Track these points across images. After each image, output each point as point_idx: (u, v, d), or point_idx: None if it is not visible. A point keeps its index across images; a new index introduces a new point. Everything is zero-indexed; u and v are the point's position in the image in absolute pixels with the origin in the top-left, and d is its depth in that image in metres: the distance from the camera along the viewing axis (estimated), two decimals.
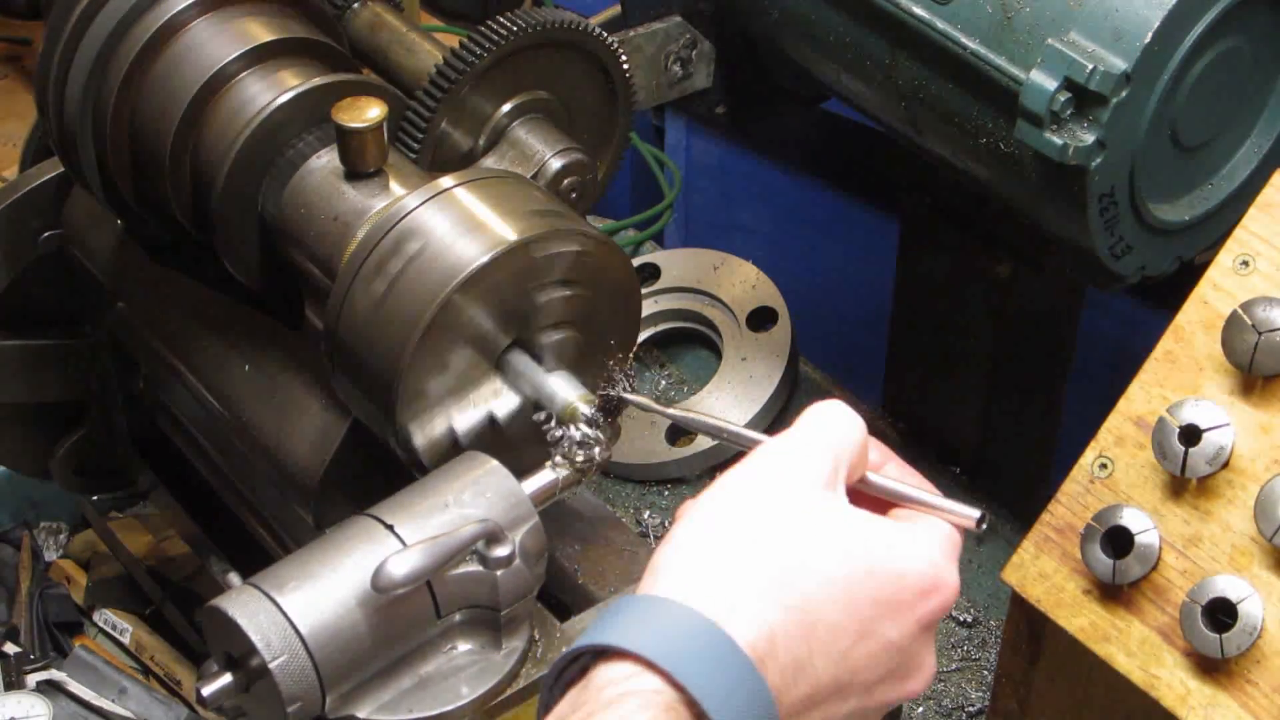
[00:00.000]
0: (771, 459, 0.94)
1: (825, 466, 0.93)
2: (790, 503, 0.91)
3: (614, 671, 0.83)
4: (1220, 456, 1.19)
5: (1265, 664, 1.15)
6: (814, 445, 0.94)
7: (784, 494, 0.92)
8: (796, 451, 0.94)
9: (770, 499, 0.91)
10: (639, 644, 0.83)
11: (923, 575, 0.92)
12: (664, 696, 0.82)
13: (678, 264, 2.02)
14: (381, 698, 1.08)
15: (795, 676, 0.87)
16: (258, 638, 1.02)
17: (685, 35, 1.69)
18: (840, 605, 0.89)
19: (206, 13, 1.31)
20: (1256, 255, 1.23)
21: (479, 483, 1.11)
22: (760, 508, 0.91)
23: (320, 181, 1.27)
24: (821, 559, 0.89)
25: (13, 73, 2.50)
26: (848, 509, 0.93)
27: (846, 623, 0.89)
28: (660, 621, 0.85)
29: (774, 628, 0.86)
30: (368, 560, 1.05)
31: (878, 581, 0.91)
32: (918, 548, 0.93)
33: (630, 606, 0.86)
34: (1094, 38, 1.30)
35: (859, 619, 0.90)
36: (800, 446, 0.94)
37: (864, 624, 0.90)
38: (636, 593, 0.88)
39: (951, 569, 0.94)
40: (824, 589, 0.89)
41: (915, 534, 0.94)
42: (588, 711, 0.82)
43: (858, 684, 0.90)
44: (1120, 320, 1.96)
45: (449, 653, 1.10)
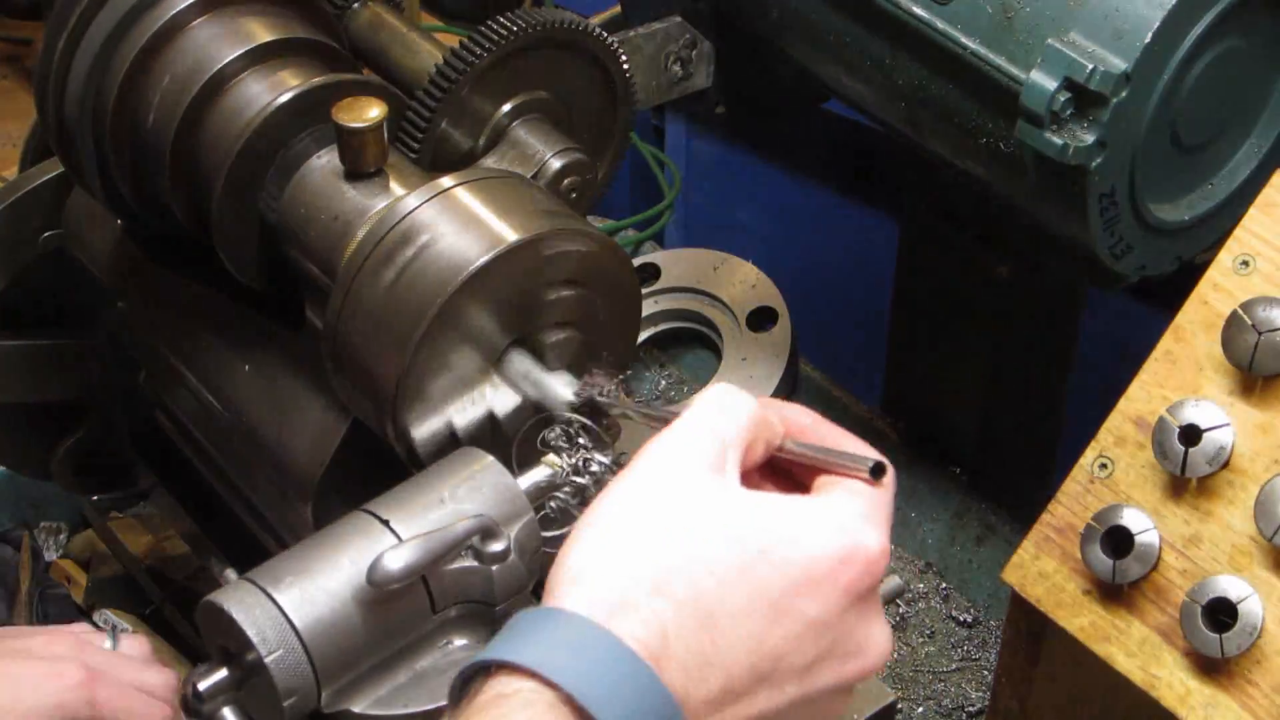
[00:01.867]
0: (654, 453, 0.91)
1: (708, 452, 0.90)
2: (673, 494, 0.89)
3: (496, 683, 0.82)
4: (1220, 456, 1.19)
5: (1265, 664, 1.15)
6: (695, 432, 0.91)
7: (666, 487, 0.89)
8: (676, 442, 0.91)
9: (652, 494, 0.89)
10: (516, 653, 0.82)
11: (833, 544, 0.88)
12: (544, 695, 0.80)
13: (678, 264, 2.02)
14: (377, 692, 1.08)
15: (702, 671, 0.84)
16: (253, 632, 1.02)
17: (685, 35, 1.69)
18: (740, 591, 0.86)
19: (207, 12, 1.31)
20: (1256, 255, 1.23)
21: (475, 478, 1.11)
22: (645, 503, 0.89)
23: (320, 181, 1.27)
24: (712, 547, 0.86)
25: (13, 73, 2.50)
26: (736, 492, 0.90)
27: (751, 608, 0.86)
28: (543, 630, 0.84)
29: (666, 624, 0.84)
30: (363, 555, 1.05)
31: (780, 559, 0.87)
32: (823, 517, 0.89)
33: (518, 622, 0.85)
34: (1094, 38, 1.30)
35: (767, 601, 0.86)
36: (680, 436, 0.91)
37: (774, 606, 0.86)
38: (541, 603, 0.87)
39: (869, 531, 0.90)
40: (718, 577, 0.86)
41: (821, 503, 0.91)
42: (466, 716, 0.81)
43: (786, 669, 0.87)
44: (1120, 320, 1.96)
45: (444, 648, 1.11)
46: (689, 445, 0.91)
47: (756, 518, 0.88)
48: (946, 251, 1.74)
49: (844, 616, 0.88)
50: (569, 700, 0.80)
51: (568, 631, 0.84)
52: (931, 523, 1.80)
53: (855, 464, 0.93)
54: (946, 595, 1.72)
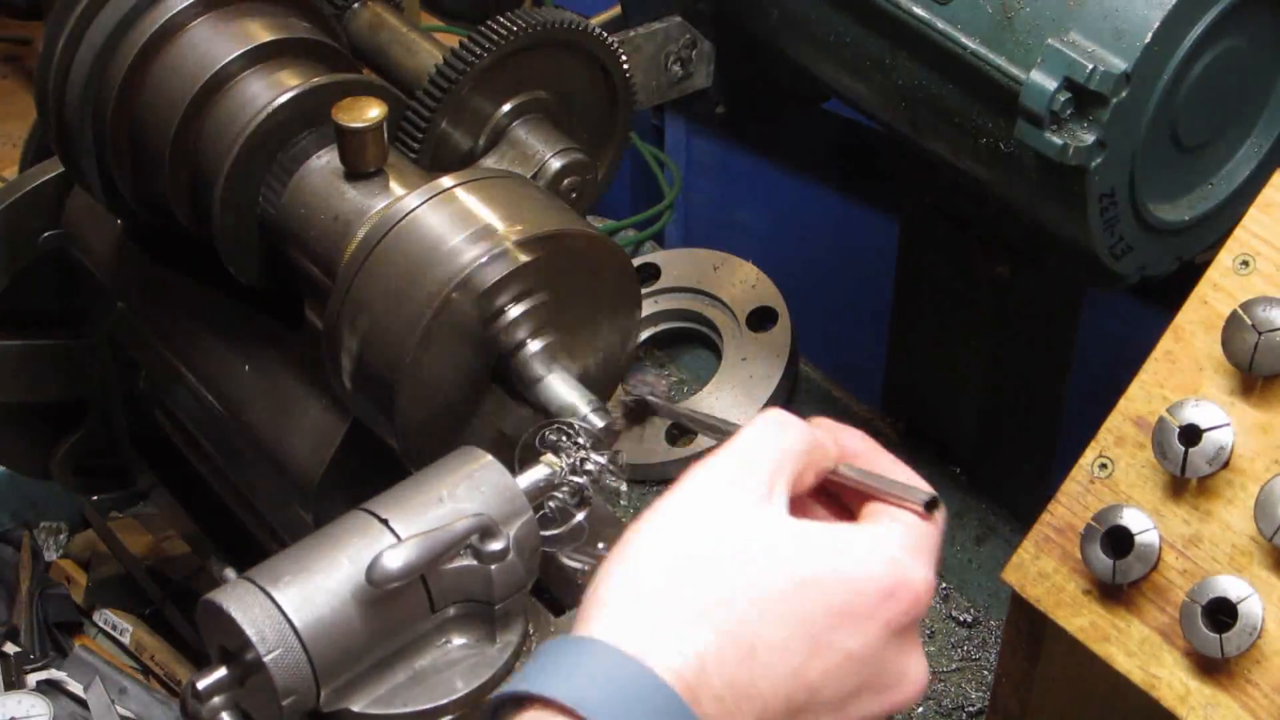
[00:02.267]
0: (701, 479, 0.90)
1: (758, 478, 0.89)
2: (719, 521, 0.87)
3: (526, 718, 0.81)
4: (1220, 456, 1.19)
5: (1265, 664, 1.15)
6: (744, 458, 0.90)
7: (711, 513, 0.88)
8: (725, 467, 0.90)
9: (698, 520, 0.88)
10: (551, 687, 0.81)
11: (879, 577, 0.87)
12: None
13: (678, 264, 2.02)
14: (376, 691, 1.08)
15: (737, 703, 0.83)
16: (252, 631, 1.02)
17: (685, 35, 1.69)
18: (782, 622, 0.84)
19: (206, 12, 1.31)
20: (1256, 255, 1.23)
21: (473, 477, 1.11)
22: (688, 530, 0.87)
23: (320, 181, 1.27)
24: (755, 576, 0.85)
25: (13, 73, 2.50)
26: (783, 520, 0.88)
27: (792, 639, 0.84)
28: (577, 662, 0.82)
29: (703, 654, 0.82)
30: (362, 554, 1.05)
31: (824, 591, 0.85)
32: (871, 549, 0.88)
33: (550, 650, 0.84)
34: (1094, 38, 1.30)
35: (808, 634, 0.85)
36: (729, 461, 0.90)
37: (815, 638, 0.85)
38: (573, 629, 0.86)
39: (917, 565, 0.89)
40: (760, 607, 0.84)
41: (868, 534, 0.89)
42: None
43: (821, 702, 0.86)
44: (1120, 320, 1.96)
45: (443, 647, 1.11)
46: (738, 471, 0.90)
47: (802, 548, 0.87)
48: (946, 251, 1.74)
49: (884, 651, 0.87)
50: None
51: (601, 663, 0.82)
52: None
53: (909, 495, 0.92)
54: (946, 595, 1.72)
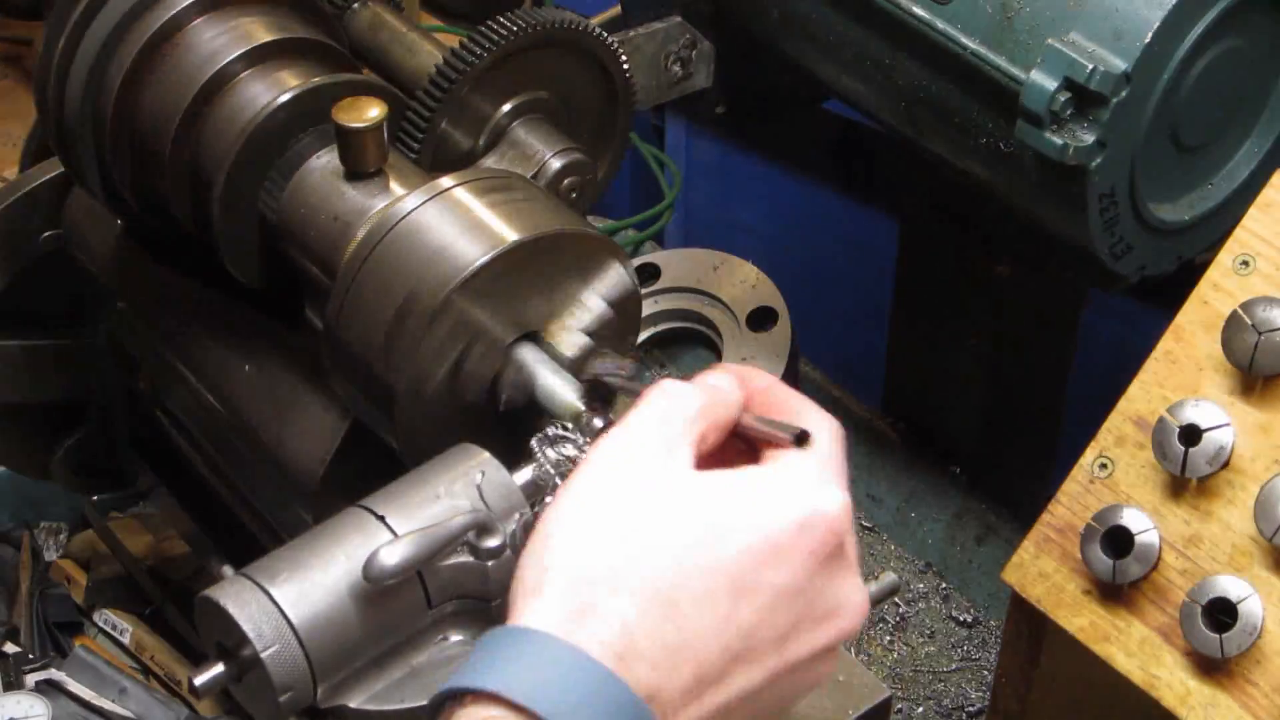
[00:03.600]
0: (599, 452, 0.90)
1: (654, 442, 0.89)
2: (622, 488, 0.88)
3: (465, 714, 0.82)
4: (1220, 456, 1.19)
5: (1265, 664, 1.15)
6: (637, 427, 0.90)
7: (614, 482, 0.88)
8: (621, 437, 0.90)
9: (601, 491, 0.88)
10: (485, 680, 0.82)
11: (791, 509, 0.87)
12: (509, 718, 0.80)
13: (678, 264, 2.02)
14: (373, 687, 1.08)
15: (672, 661, 0.83)
16: (249, 627, 1.02)
17: (685, 35, 1.69)
18: (700, 571, 0.84)
19: (207, 13, 1.31)
20: (1256, 255, 1.23)
21: (470, 474, 1.11)
22: (592, 503, 0.88)
23: (320, 181, 1.27)
24: (664, 532, 0.85)
25: (13, 73, 2.50)
26: (686, 475, 0.88)
27: (715, 587, 0.84)
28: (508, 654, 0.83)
29: (627, 620, 0.83)
30: (359, 551, 1.05)
31: (737, 533, 0.85)
32: (776, 485, 0.88)
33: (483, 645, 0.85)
34: (1094, 38, 1.30)
35: (730, 578, 0.85)
36: (624, 432, 0.90)
37: (736, 582, 0.85)
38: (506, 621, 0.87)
39: (827, 492, 0.89)
40: (675, 561, 0.84)
41: (771, 471, 0.89)
42: None
43: (760, 644, 0.85)
44: (1120, 320, 1.96)
45: (441, 643, 1.11)
46: (633, 439, 0.90)
47: (708, 497, 0.87)
48: (946, 251, 1.74)
49: (812, 581, 0.87)
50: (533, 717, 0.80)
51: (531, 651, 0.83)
52: (931, 523, 1.80)
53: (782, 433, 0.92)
54: (946, 595, 1.72)
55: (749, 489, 0.88)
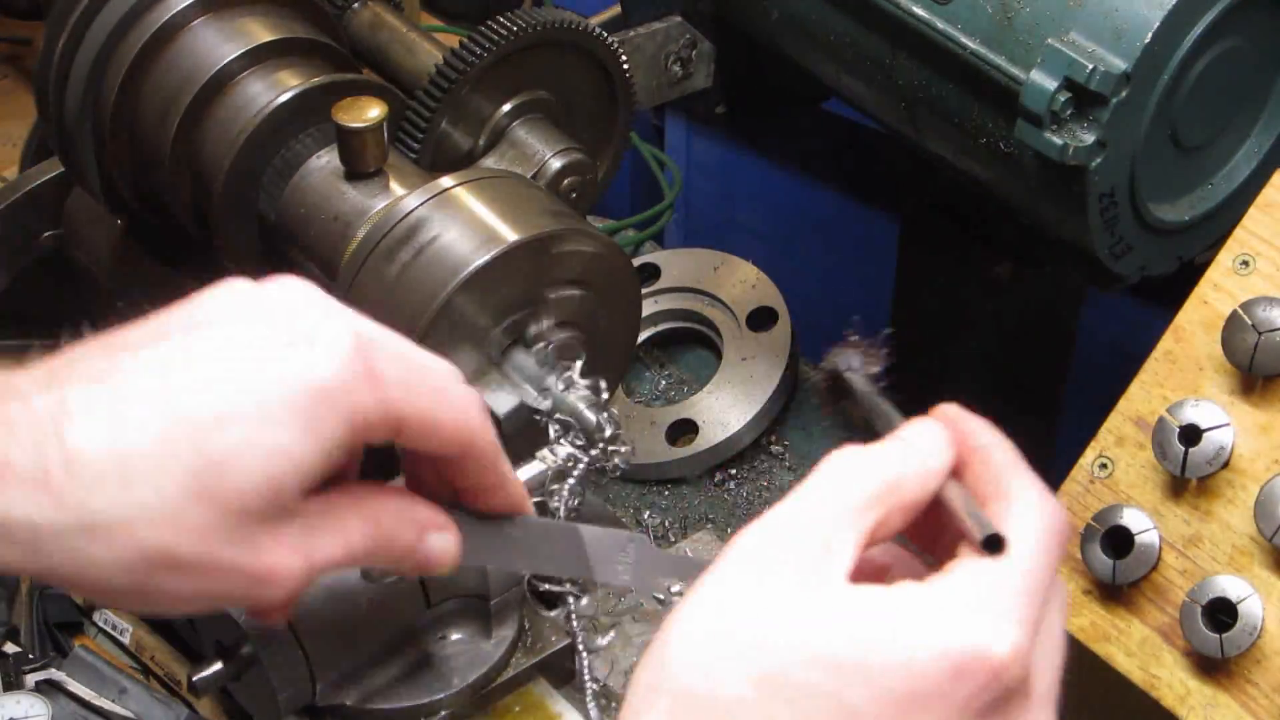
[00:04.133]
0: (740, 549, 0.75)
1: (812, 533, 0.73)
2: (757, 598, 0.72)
3: None
4: (1220, 456, 1.19)
5: (1265, 664, 1.15)
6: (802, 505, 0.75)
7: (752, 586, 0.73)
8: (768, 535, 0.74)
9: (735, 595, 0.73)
10: None
11: (942, 652, 0.70)
12: None
13: (678, 264, 2.02)
14: (372, 685, 1.09)
15: None
16: (248, 625, 1.03)
17: (685, 35, 1.69)
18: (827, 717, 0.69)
19: (206, 13, 1.31)
20: (1256, 255, 1.23)
21: None
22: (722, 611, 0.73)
23: (320, 181, 1.27)
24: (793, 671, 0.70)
25: (13, 73, 2.49)
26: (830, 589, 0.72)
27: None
28: None
29: None
30: None
31: (874, 677, 0.69)
32: (931, 613, 0.71)
33: None
34: (1094, 38, 1.30)
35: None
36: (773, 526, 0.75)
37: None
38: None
39: (992, 626, 0.70)
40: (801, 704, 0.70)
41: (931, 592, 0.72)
42: None
43: None
44: (1120, 320, 1.96)
45: (439, 641, 1.11)
46: (786, 531, 0.74)
47: (845, 624, 0.71)
48: (946, 251, 1.74)
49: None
50: None
51: None
52: None
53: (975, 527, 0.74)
54: None
55: (898, 617, 0.71)
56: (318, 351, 0.79)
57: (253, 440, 0.76)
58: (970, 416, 0.82)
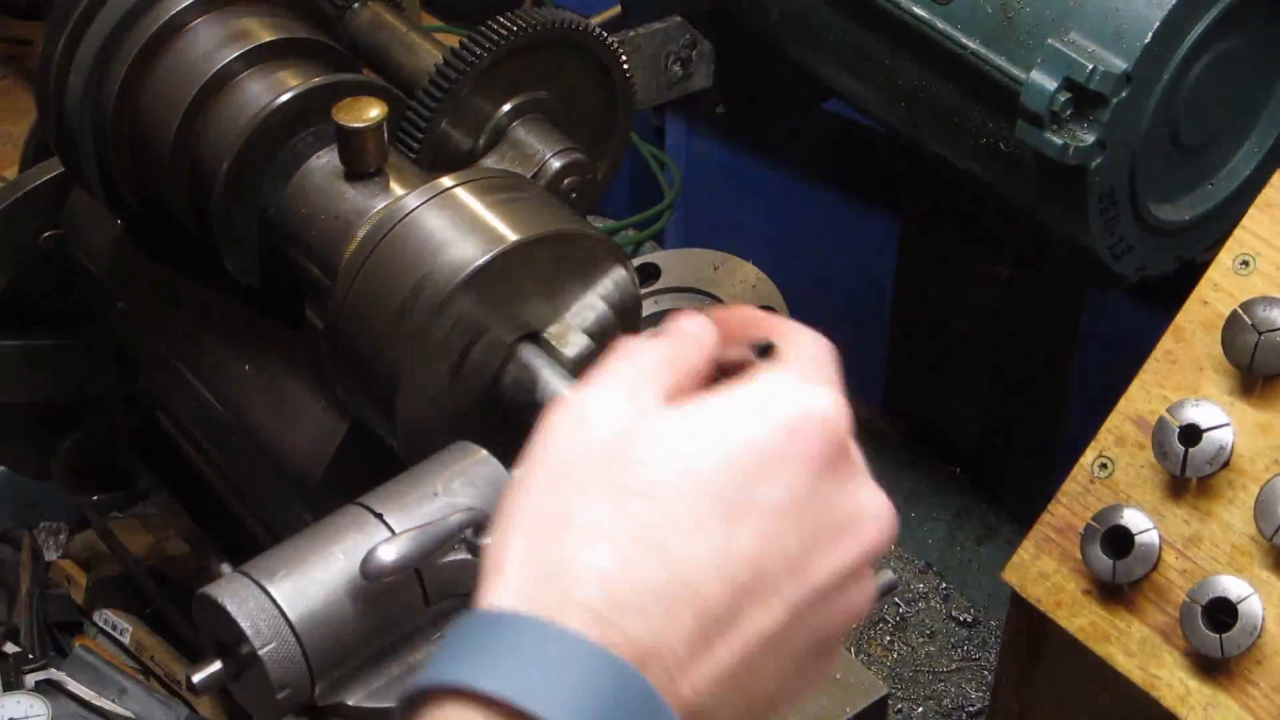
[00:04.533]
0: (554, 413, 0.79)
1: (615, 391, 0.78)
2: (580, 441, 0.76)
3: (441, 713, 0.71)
4: (1220, 456, 1.19)
5: (1265, 664, 1.15)
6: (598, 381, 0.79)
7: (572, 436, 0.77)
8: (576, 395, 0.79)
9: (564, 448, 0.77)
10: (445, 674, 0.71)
11: (774, 414, 0.76)
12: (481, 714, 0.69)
13: (678, 264, 2.02)
14: (371, 685, 1.08)
15: (666, 607, 0.71)
16: (247, 625, 1.03)
17: (685, 35, 1.69)
18: (684, 500, 0.73)
19: (206, 13, 1.31)
20: (1256, 255, 1.23)
21: (468, 471, 1.11)
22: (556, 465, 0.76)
23: (320, 181, 1.27)
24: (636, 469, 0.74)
25: (13, 73, 2.50)
26: (656, 410, 0.77)
27: (702, 515, 0.73)
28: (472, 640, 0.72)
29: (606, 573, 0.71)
30: (357, 548, 1.05)
31: (718, 452, 0.74)
32: (757, 394, 0.77)
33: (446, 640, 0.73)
34: (1094, 38, 1.30)
35: (718, 503, 0.73)
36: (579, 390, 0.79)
37: (726, 504, 0.73)
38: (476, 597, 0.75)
39: (812, 391, 0.78)
40: (652, 496, 0.73)
41: (748, 386, 0.78)
42: None
43: (770, 570, 0.74)
44: (1120, 320, 1.96)
45: (438, 640, 1.11)
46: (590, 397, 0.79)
47: (678, 421, 0.76)
48: (946, 251, 1.74)
49: (817, 489, 0.75)
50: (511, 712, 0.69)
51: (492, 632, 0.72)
52: (931, 523, 1.80)
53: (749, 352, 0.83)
54: (946, 595, 1.72)
55: (720, 406, 0.77)
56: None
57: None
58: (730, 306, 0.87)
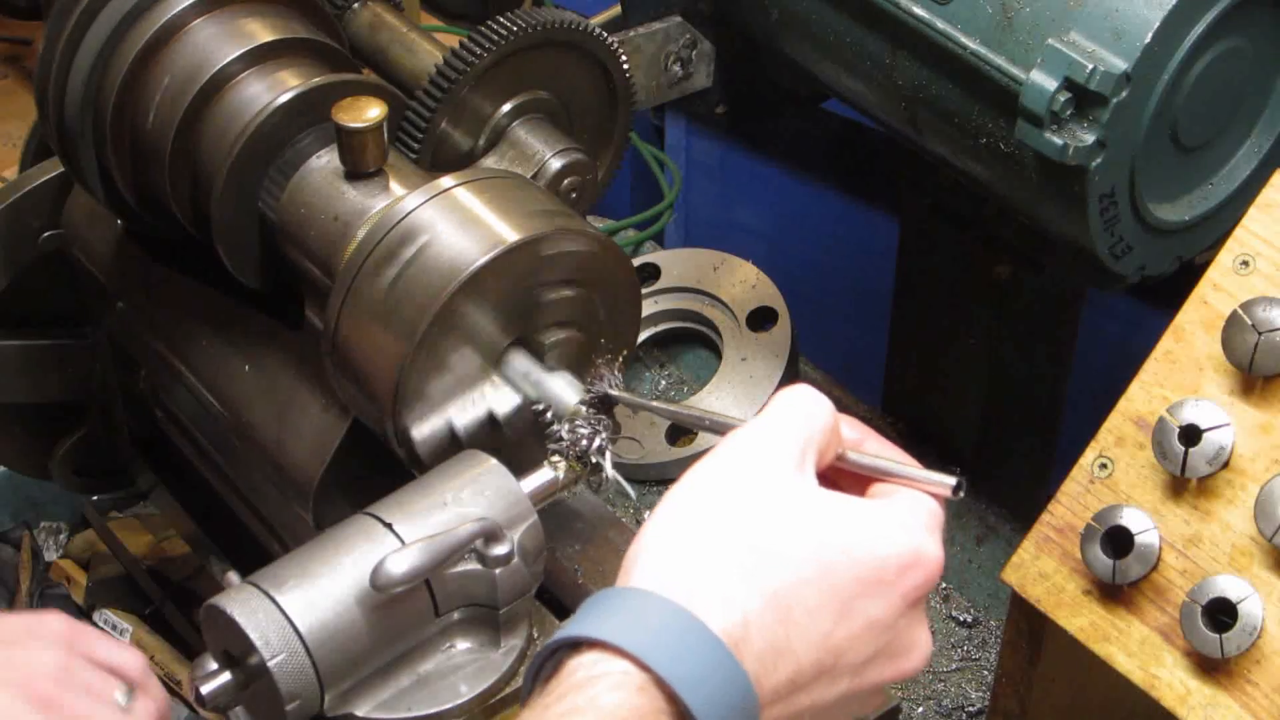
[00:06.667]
0: (740, 445, 0.93)
1: (793, 449, 0.93)
2: (760, 488, 0.91)
3: (585, 658, 0.84)
4: (1220, 456, 1.19)
5: (1265, 664, 1.15)
6: (781, 429, 0.94)
7: (753, 479, 0.91)
8: (764, 436, 0.93)
9: (740, 485, 0.91)
10: (608, 632, 0.84)
11: (902, 551, 0.91)
12: (634, 678, 0.82)
13: (678, 264, 2.02)
14: (380, 696, 1.08)
15: (775, 662, 0.86)
16: (256, 636, 1.02)
17: (685, 35, 1.69)
18: (817, 588, 0.88)
19: (206, 13, 1.31)
20: (1256, 255, 1.23)
21: (478, 481, 1.11)
22: (730, 495, 0.91)
23: (320, 181, 1.27)
24: (794, 543, 0.89)
25: (13, 73, 2.50)
26: (818, 491, 0.92)
27: (825, 605, 0.88)
28: (632, 610, 0.85)
29: (748, 614, 0.86)
30: (366, 559, 1.05)
31: (854, 561, 0.90)
32: (895, 524, 0.92)
33: (603, 599, 0.87)
34: (1094, 38, 1.30)
35: (838, 600, 0.89)
36: (767, 431, 0.94)
37: (844, 605, 0.89)
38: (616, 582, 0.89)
39: (932, 541, 0.94)
40: (798, 573, 0.88)
41: (892, 510, 0.93)
42: (559, 694, 0.82)
43: (844, 665, 0.90)
44: (1120, 320, 1.96)
45: (448, 651, 1.11)
46: (774, 440, 0.93)
47: (834, 517, 0.91)
48: (946, 251, 1.74)
49: (900, 619, 0.91)
50: (660, 683, 0.82)
51: (657, 614, 0.85)
52: None
53: (934, 483, 0.97)
54: (946, 595, 1.72)
55: (871, 519, 0.92)
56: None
57: None
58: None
